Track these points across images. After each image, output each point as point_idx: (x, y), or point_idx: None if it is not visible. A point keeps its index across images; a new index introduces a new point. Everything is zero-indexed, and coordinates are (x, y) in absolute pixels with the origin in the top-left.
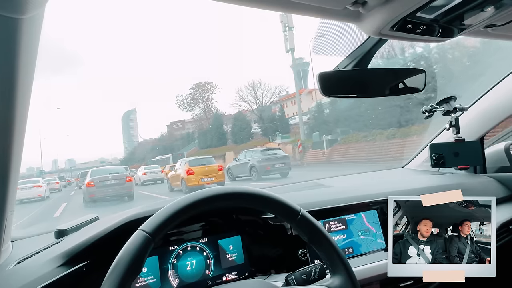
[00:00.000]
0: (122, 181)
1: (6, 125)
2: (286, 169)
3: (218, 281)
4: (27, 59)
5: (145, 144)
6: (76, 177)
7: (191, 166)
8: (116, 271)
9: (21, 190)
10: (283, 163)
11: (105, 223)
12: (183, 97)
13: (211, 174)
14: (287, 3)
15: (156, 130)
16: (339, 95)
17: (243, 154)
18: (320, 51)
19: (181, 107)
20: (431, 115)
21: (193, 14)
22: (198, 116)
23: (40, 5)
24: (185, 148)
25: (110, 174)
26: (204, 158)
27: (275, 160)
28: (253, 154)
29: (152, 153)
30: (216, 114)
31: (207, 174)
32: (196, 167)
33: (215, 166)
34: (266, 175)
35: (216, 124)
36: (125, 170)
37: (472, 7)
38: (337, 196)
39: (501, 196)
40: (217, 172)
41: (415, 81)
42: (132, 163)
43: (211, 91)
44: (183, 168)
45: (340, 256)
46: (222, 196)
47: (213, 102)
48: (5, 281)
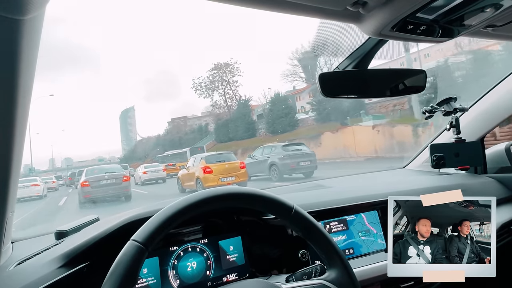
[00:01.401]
0: (119, 181)
1: (6, 126)
2: (311, 167)
3: (218, 282)
4: (28, 60)
5: (148, 140)
6: (68, 176)
7: (208, 163)
8: (110, 284)
9: (19, 189)
10: (309, 160)
11: (105, 224)
12: (200, 80)
13: (232, 172)
14: (287, 4)
15: (155, 128)
16: (339, 96)
17: (259, 150)
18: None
19: (198, 92)
20: (432, 115)
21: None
22: (218, 103)
23: (40, 6)
24: (201, 141)
25: (106, 174)
26: (223, 154)
27: (299, 157)
28: (273, 150)
29: (157, 150)
30: (241, 100)
31: (227, 173)
32: (214, 165)
33: (236, 163)
34: (288, 175)
35: (242, 112)
36: (122, 169)
37: (472, 7)
38: (338, 197)
39: (502, 196)
40: (238, 170)
41: (416, 81)
42: (133, 161)
43: (234, 72)
44: (199, 166)
45: (336, 249)
46: (215, 198)
47: (237, 85)
48: (5, 282)
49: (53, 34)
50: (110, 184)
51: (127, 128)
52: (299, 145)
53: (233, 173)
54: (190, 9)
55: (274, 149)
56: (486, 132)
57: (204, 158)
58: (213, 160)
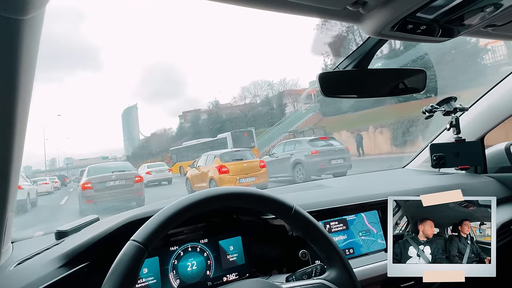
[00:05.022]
0: (129, 182)
1: (6, 127)
2: (345, 167)
3: (218, 282)
4: (28, 60)
5: (157, 136)
6: (65, 177)
7: (224, 162)
8: (110, 284)
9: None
10: (342, 158)
11: (105, 224)
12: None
13: (251, 172)
14: (287, 4)
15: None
16: (339, 96)
17: (280, 146)
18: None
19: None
20: (432, 115)
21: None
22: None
23: (40, 5)
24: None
25: (114, 173)
26: (240, 151)
27: (331, 154)
28: (297, 146)
29: (168, 144)
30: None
31: (246, 173)
32: (231, 163)
33: (256, 161)
34: (317, 175)
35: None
36: (133, 167)
37: (472, 7)
38: (338, 197)
39: (502, 196)
40: (258, 169)
41: (415, 81)
42: (142, 160)
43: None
44: (213, 165)
45: (336, 248)
46: (215, 198)
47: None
48: (5, 282)
49: (55, 31)
50: (119, 186)
51: (129, 127)
52: (330, 140)
53: (252, 173)
54: (192, 8)
55: (299, 145)
56: (486, 131)
57: (219, 156)
58: (229, 158)
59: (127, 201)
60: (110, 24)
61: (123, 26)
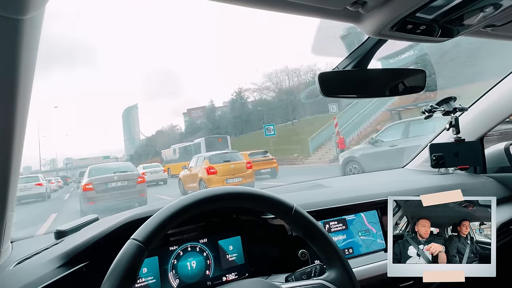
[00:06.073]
0: (132, 183)
1: (6, 126)
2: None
3: (218, 282)
4: (28, 60)
5: (163, 133)
6: (60, 180)
7: (212, 164)
8: (110, 283)
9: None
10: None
11: (105, 223)
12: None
13: (238, 173)
14: (286, 4)
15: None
16: (339, 96)
17: (388, 130)
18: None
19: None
20: (431, 115)
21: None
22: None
23: (40, 5)
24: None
25: (116, 174)
26: (228, 153)
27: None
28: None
29: (174, 142)
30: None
31: (233, 173)
32: (219, 165)
33: (243, 163)
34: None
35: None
36: (135, 167)
37: (471, 7)
38: (337, 197)
39: (501, 196)
40: (245, 170)
41: (415, 81)
42: (145, 160)
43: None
44: (202, 166)
45: (335, 249)
46: (215, 197)
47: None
48: (5, 281)
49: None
50: (121, 187)
51: (130, 127)
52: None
53: (239, 174)
54: (192, 8)
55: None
56: (486, 131)
57: (208, 158)
58: (218, 160)
59: (129, 202)
60: (109, 24)
61: (123, 26)
